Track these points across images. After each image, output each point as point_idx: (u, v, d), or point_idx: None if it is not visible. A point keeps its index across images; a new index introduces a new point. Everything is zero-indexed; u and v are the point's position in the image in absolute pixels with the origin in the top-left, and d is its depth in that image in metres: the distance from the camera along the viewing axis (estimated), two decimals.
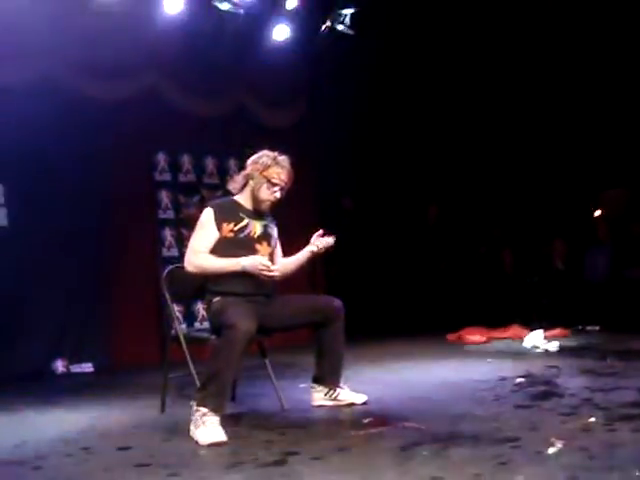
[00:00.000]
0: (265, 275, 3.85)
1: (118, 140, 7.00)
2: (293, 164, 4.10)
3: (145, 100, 6.91)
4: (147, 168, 7.38)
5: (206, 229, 3.95)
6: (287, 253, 4.27)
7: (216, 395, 3.52)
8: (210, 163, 7.80)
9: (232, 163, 7.90)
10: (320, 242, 4.11)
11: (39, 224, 6.52)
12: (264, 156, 4.04)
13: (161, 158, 7.48)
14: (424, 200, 9.21)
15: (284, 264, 4.18)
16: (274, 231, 4.17)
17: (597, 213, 9.56)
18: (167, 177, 7.49)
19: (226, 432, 3.47)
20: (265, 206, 4.05)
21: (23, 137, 6.24)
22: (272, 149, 4.11)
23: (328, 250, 4.14)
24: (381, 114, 8.62)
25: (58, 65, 6.34)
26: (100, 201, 6.95)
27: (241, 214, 4.01)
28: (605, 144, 8.50)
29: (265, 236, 4.06)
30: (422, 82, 8.65)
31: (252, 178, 4.02)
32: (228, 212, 4.00)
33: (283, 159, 4.04)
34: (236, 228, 3.96)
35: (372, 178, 8.90)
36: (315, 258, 4.20)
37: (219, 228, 3.94)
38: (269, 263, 3.88)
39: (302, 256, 4.17)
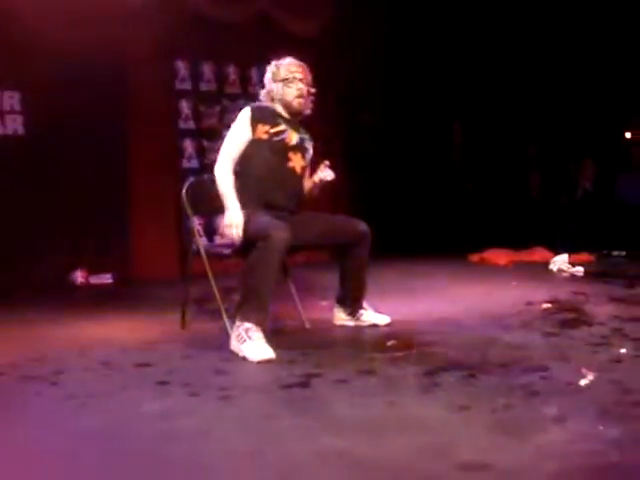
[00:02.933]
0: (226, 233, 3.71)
1: (137, 47, 6.76)
2: (318, 73, 4.01)
3: (165, 5, 6.63)
4: (167, 77, 7.16)
5: (240, 129, 3.87)
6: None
7: (258, 309, 3.46)
8: (232, 72, 7.55)
9: (254, 72, 7.65)
10: (321, 174, 3.97)
11: (56, 133, 6.37)
12: (269, 67, 4.01)
13: (181, 66, 7.24)
14: (450, 116, 8.94)
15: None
16: (310, 147, 4.05)
17: (628, 135, 9.27)
18: (187, 86, 7.28)
19: None
20: (299, 104, 3.93)
21: (38, 44, 6.02)
22: (296, 58, 4.02)
23: (330, 182, 4.01)
24: (409, 24, 8.28)
25: None
26: (119, 111, 6.76)
27: (279, 120, 3.92)
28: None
29: (301, 148, 3.96)
30: None
31: (272, 90, 3.97)
32: (267, 115, 3.91)
33: (287, 59, 3.99)
34: (272, 131, 3.86)
35: (398, 92, 8.62)
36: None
37: (254, 129, 3.85)
38: (237, 236, 3.62)
39: (312, 184, 4.06)
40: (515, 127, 8.85)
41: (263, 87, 4.04)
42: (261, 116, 3.88)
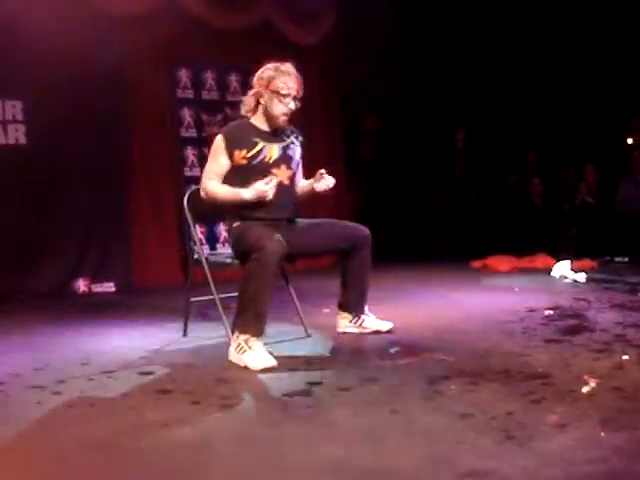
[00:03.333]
0: (269, 197, 3.66)
1: (139, 56, 6.78)
2: (319, 82, 3.93)
3: (166, 13, 6.65)
4: (169, 85, 7.17)
5: (217, 157, 3.80)
6: (311, 172, 4.08)
7: (256, 319, 3.46)
8: (234, 80, 7.58)
9: None
10: (321, 184, 3.88)
11: (59, 142, 6.38)
12: (266, 70, 3.81)
13: (183, 74, 7.26)
14: (452, 123, 8.96)
15: (301, 187, 4.04)
16: (296, 151, 3.95)
17: (629, 141, 9.27)
18: (190, 94, 7.29)
19: None
20: (282, 121, 3.83)
21: (40, 53, 6.05)
22: (297, 66, 3.89)
23: (329, 191, 3.92)
24: (411, 32, 8.29)
25: None
26: (121, 119, 6.78)
27: (255, 139, 3.79)
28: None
29: (284, 159, 3.86)
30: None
31: (261, 96, 3.80)
32: (241, 138, 3.79)
33: (287, 67, 3.80)
34: (249, 155, 3.76)
35: (399, 99, 8.63)
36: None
37: (230, 156, 3.77)
38: (266, 184, 3.64)
39: (308, 191, 3.99)
40: (516, 133, 8.86)
41: (251, 87, 3.87)
42: (235, 141, 3.77)
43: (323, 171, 3.88)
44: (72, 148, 6.45)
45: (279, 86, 3.75)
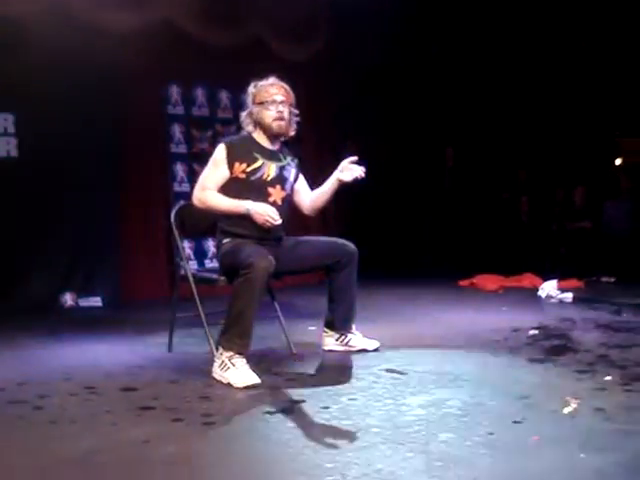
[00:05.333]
0: (267, 225, 3.70)
1: (130, 72, 6.79)
2: (309, 100, 3.98)
3: (157, 31, 6.68)
4: (160, 101, 7.19)
5: (217, 167, 3.82)
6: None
7: (241, 336, 3.47)
8: (224, 97, 7.61)
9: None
10: (349, 173, 3.90)
11: (50, 156, 6.38)
12: (249, 88, 3.94)
13: (174, 91, 7.29)
14: (442, 141, 9.00)
15: (313, 200, 4.07)
16: (292, 173, 3.99)
17: (618, 162, 9.34)
18: (180, 110, 7.31)
19: None
20: (278, 127, 3.85)
21: (33, 67, 6.07)
22: (288, 83, 3.96)
23: (356, 180, 3.91)
24: (400, 48, 8.33)
25: None
26: (112, 134, 6.78)
27: (256, 154, 3.85)
28: (627, 89, 8.24)
29: (280, 179, 3.91)
30: (446, 19, 8.36)
31: (252, 113, 3.90)
32: (242, 151, 3.85)
33: (265, 80, 3.91)
34: (249, 169, 3.81)
35: (389, 117, 8.67)
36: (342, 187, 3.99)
37: (231, 167, 3.80)
38: (276, 215, 3.70)
39: (331, 186, 3.98)
40: (507, 152, 8.92)
41: (245, 109, 3.96)
42: (237, 153, 3.82)
43: (351, 159, 3.90)
44: (63, 162, 6.44)
45: (262, 97, 3.86)
